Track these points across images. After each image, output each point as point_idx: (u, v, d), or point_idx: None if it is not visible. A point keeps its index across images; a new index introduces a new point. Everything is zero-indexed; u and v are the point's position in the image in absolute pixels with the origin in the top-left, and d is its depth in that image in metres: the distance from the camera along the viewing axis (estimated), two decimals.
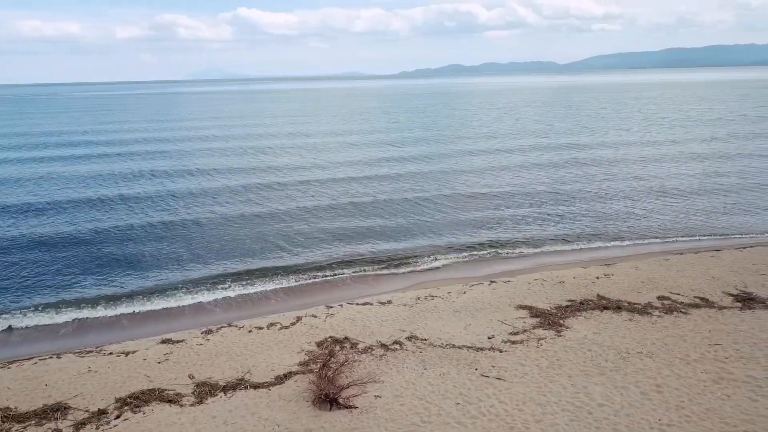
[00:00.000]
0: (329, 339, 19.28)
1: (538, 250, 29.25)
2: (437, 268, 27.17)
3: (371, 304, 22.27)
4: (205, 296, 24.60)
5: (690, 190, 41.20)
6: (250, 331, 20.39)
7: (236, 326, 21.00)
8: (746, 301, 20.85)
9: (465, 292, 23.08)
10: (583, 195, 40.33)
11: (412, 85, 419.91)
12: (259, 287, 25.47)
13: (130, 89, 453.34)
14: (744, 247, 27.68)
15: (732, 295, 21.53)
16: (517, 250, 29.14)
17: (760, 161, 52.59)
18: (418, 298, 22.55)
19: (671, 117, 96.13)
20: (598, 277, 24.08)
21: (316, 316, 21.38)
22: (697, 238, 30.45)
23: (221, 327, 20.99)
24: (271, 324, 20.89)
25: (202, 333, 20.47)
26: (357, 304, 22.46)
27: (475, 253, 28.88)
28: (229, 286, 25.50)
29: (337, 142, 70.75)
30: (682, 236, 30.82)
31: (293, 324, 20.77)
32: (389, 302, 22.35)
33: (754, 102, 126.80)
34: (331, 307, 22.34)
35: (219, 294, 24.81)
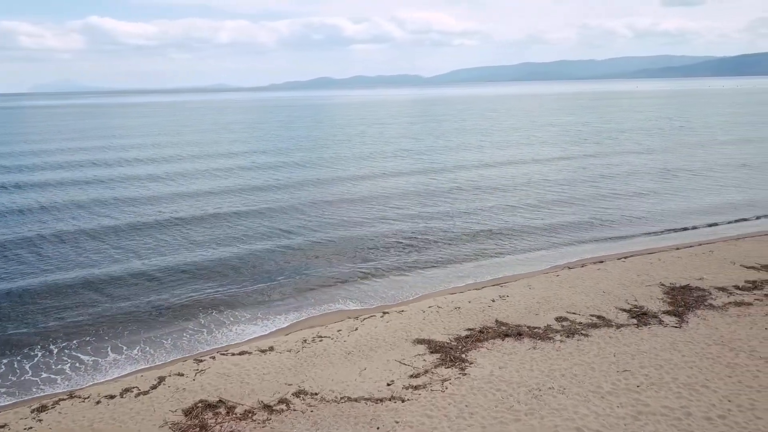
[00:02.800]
0: (200, 404, 15.92)
1: (425, 274, 27.58)
2: (322, 301, 24.60)
3: (249, 353, 19.11)
4: (34, 361, 19.95)
5: (559, 204, 42.20)
6: (98, 402, 16.42)
7: (79, 397, 16.88)
8: (640, 316, 20.50)
9: (357, 329, 20.68)
10: (454, 214, 38.85)
11: (280, 97, 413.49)
12: (107, 341, 21.24)
13: None
14: (626, 257, 28.02)
15: (626, 310, 21.13)
16: (402, 277, 27.24)
17: (611, 168, 56.00)
18: (305, 341, 19.76)
19: (528, 129, 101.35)
20: (493, 300, 22.80)
21: (182, 374, 17.84)
22: (580, 249, 30.60)
23: (59, 400, 16.77)
24: (126, 390, 17.04)
25: (32, 411, 16.14)
26: (232, 354, 19.16)
27: (359, 284, 26.56)
28: (68, 345, 20.98)
29: (193, 170, 61.27)
30: (565, 249, 30.85)
31: (154, 387, 17.10)
32: (271, 349, 19.32)
33: (596, 113, 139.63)
34: (202, 360, 18.86)
35: (54, 356, 20.27)
